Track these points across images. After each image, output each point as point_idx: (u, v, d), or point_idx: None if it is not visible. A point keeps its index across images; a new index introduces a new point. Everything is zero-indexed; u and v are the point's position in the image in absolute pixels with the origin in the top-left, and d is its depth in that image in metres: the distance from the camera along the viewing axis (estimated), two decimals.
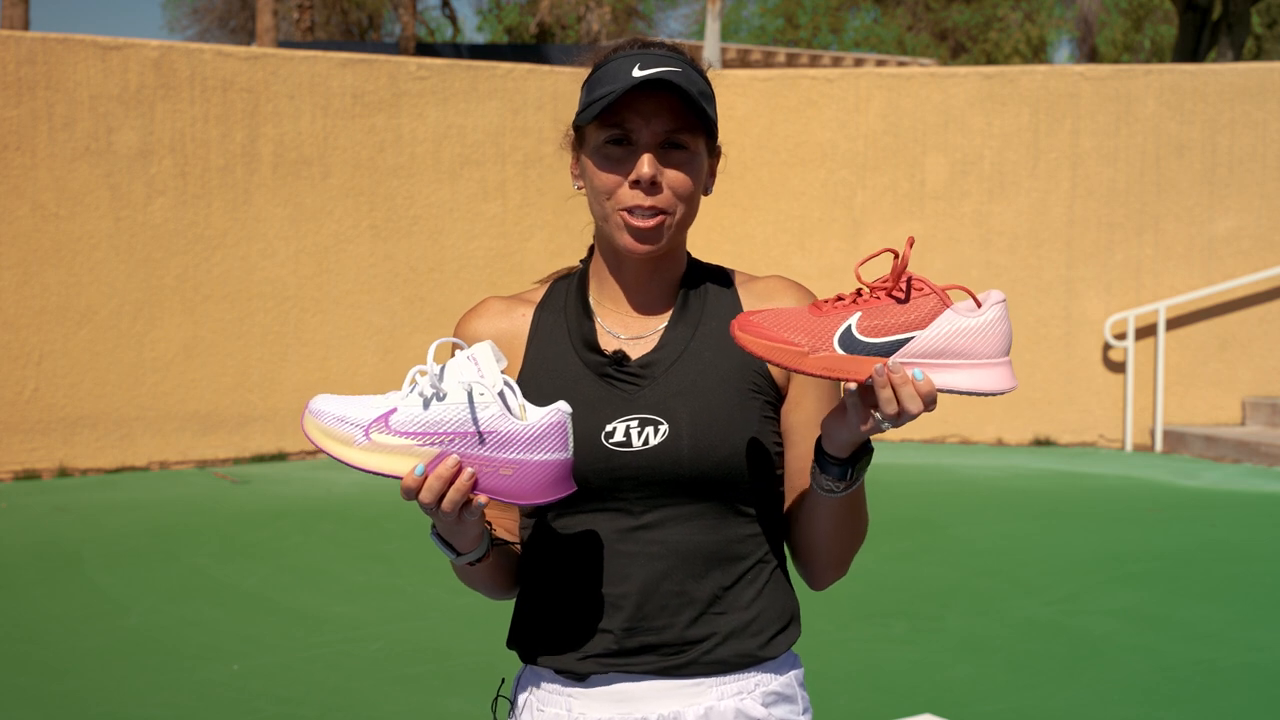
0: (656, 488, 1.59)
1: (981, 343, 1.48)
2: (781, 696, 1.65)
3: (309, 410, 1.50)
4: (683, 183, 1.60)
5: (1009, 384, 1.49)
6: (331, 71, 9.05)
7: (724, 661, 1.61)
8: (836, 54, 20.28)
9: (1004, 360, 1.50)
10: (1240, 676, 4.51)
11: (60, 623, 5.13)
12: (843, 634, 4.98)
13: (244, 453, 8.89)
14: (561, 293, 1.71)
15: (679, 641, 1.60)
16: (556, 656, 1.62)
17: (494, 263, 9.55)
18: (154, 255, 8.57)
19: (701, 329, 1.65)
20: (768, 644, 1.64)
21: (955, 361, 1.48)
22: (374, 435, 1.47)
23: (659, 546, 1.60)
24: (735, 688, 1.62)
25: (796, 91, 9.92)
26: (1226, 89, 9.57)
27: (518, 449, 1.47)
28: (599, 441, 1.59)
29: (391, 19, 29.57)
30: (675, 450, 1.58)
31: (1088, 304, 9.67)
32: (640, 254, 1.61)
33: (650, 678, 1.60)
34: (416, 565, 5.99)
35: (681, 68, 1.58)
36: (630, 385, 1.62)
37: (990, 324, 1.49)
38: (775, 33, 31.63)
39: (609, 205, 1.61)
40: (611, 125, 1.59)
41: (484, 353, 1.48)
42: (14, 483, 8.12)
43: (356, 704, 4.25)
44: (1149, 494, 7.88)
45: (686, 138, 1.59)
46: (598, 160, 1.61)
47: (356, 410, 1.48)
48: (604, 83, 1.59)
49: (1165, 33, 30.09)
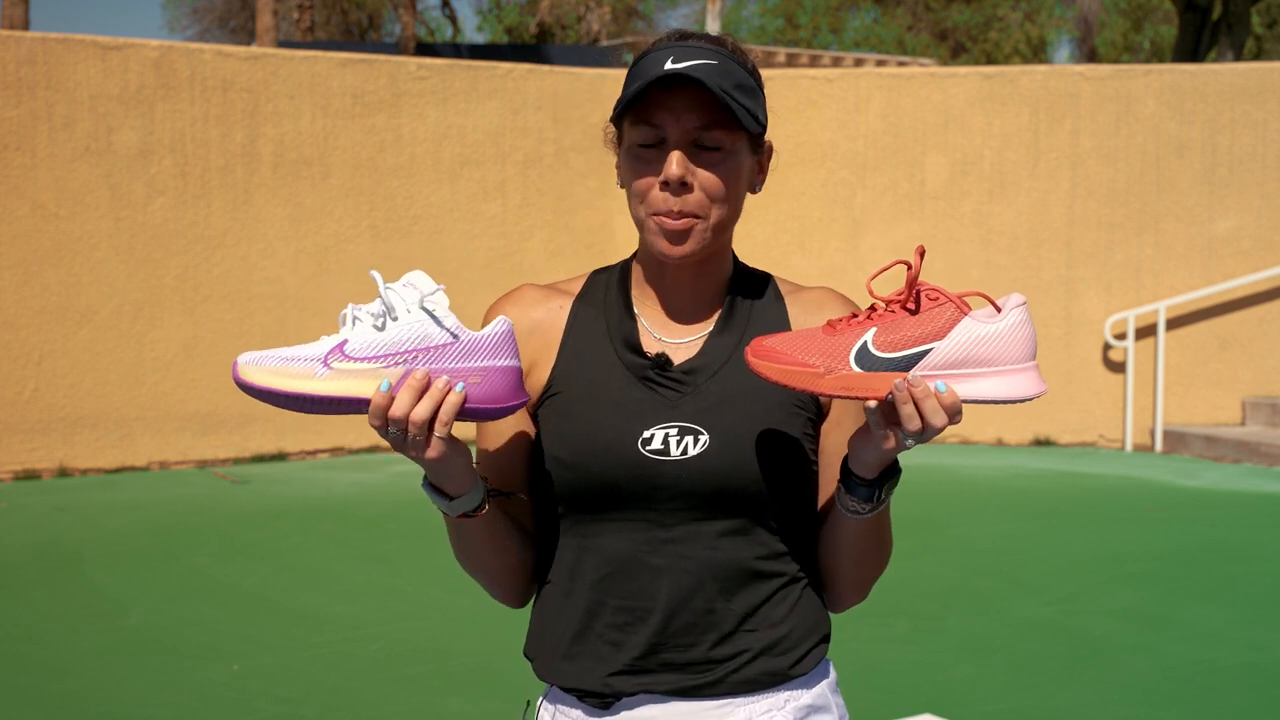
0: (692, 499, 1.53)
1: (1004, 349, 1.43)
2: (814, 708, 1.61)
3: (243, 361, 1.41)
4: (714, 184, 1.51)
5: (1037, 389, 1.44)
6: (331, 71, 9.05)
7: (752, 681, 1.55)
8: (836, 54, 20.28)
9: (1030, 365, 1.45)
10: (1240, 676, 4.51)
11: (60, 623, 5.13)
12: (843, 634, 4.97)
13: (244, 453, 8.89)
14: (601, 287, 1.64)
15: (705, 660, 1.54)
16: (579, 675, 1.56)
17: (494, 263, 9.55)
18: (154, 255, 8.57)
19: (746, 338, 1.57)
20: (798, 663, 1.58)
21: (978, 371, 1.43)
22: (334, 364, 1.40)
23: (690, 561, 1.53)
24: (764, 706, 1.56)
25: (796, 91, 9.92)
26: (1226, 89, 9.57)
27: (481, 357, 1.43)
28: (635, 448, 1.52)
29: (391, 19, 29.57)
30: (714, 463, 1.52)
31: (1088, 304, 9.67)
32: (673, 258, 1.53)
33: (675, 699, 1.54)
34: (416, 565, 5.99)
35: (718, 60, 1.50)
36: (672, 391, 1.55)
37: (1011, 328, 1.44)
38: (775, 33, 31.64)
39: (642, 209, 1.54)
40: (641, 121, 1.52)
41: (419, 277, 1.45)
42: (14, 483, 8.12)
43: (356, 704, 4.25)
44: (1149, 494, 7.88)
45: (720, 135, 1.51)
46: (629, 161, 1.54)
47: (303, 350, 1.41)
48: (638, 76, 1.51)
49: (1165, 33, 30.09)
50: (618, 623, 1.54)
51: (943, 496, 7.77)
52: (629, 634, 1.54)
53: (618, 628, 1.54)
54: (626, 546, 1.54)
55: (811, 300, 1.63)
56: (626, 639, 1.54)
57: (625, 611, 1.54)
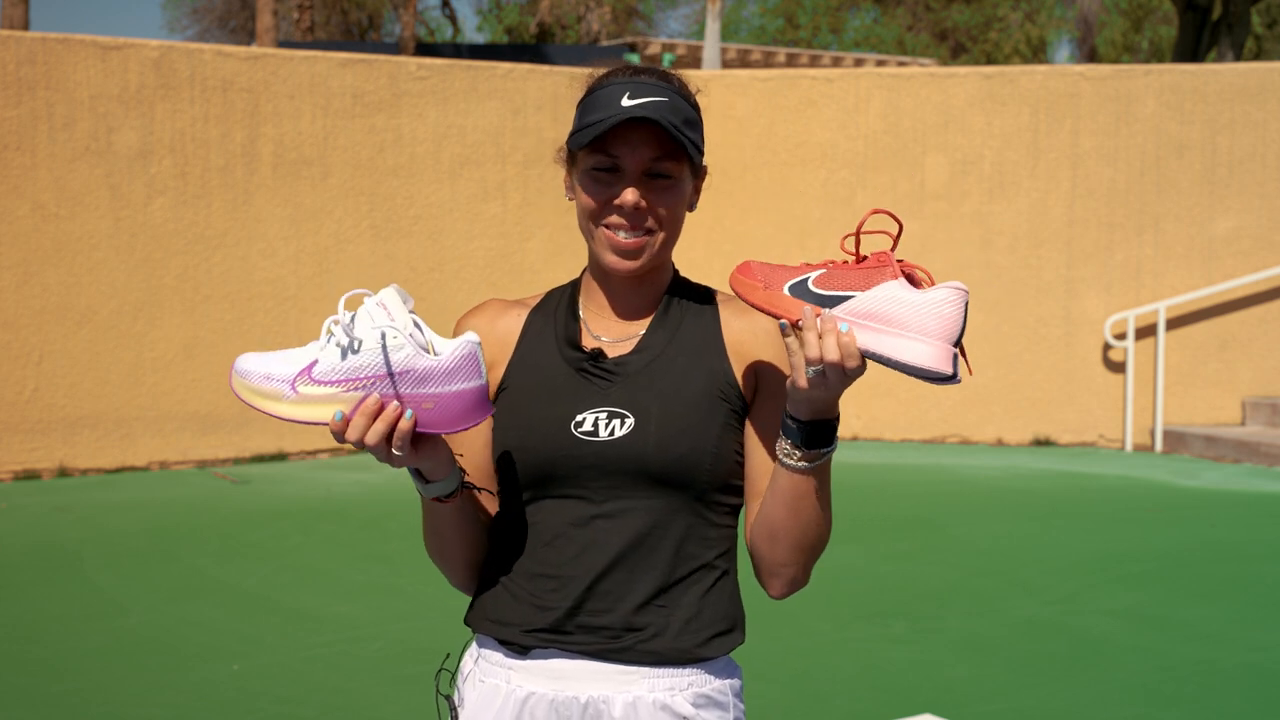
0: (618, 478, 1.67)
1: (919, 318, 1.50)
2: (712, 701, 1.69)
3: (235, 371, 1.58)
4: (667, 207, 1.69)
5: (940, 365, 1.50)
6: (331, 71, 9.05)
7: (658, 654, 1.66)
8: (836, 54, 20.28)
9: (941, 343, 1.50)
10: (1240, 676, 4.51)
11: (60, 623, 5.13)
12: (843, 634, 4.98)
13: (244, 453, 8.89)
14: (555, 299, 1.82)
15: (619, 627, 1.66)
16: (502, 627, 1.70)
17: (494, 263, 9.55)
18: (154, 255, 8.57)
19: (679, 336, 1.73)
20: (705, 644, 1.68)
21: (886, 329, 1.51)
22: (300, 388, 1.56)
23: (615, 536, 1.67)
24: (667, 683, 1.67)
25: (796, 91, 9.92)
26: (1226, 89, 9.57)
27: (434, 384, 1.56)
28: (568, 429, 1.68)
29: (391, 19, 29.57)
30: (639, 443, 1.66)
31: (1088, 304, 9.67)
32: (623, 271, 1.70)
33: (586, 658, 1.67)
34: (416, 565, 5.99)
35: (669, 97, 1.67)
36: (603, 380, 1.71)
37: (932, 302, 1.51)
38: (775, 33, 31.63)
39: (593, 225, 1.71)
40: (599, 152, 1.68)
41: (390, 296, 1.57)
42: (14, 483, 8.12)
43: (356, 704, 4.25)
44: (1149, 494, 7.88)
45: (670, 165, 1.68)
46: (585, 182, 1.70)
47: (280, 366, 1.57)
48: (595, 108, 1.69)
49: (1165, 33, 30.09)
50: (544, 589, 1.69)
51: (942, 496, 7.77)
52: (553, 598, 1.68)
53: (544, 593, 1.69)
54: (559, 521, 1.69)
55: (742, 305, 1.75)
56: (550, 603, 1.68)
57: (552, 579, 1.69)
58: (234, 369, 1.58)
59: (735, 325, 1.74)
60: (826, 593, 4.90)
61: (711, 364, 1.71)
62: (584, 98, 1.74)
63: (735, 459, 1.71)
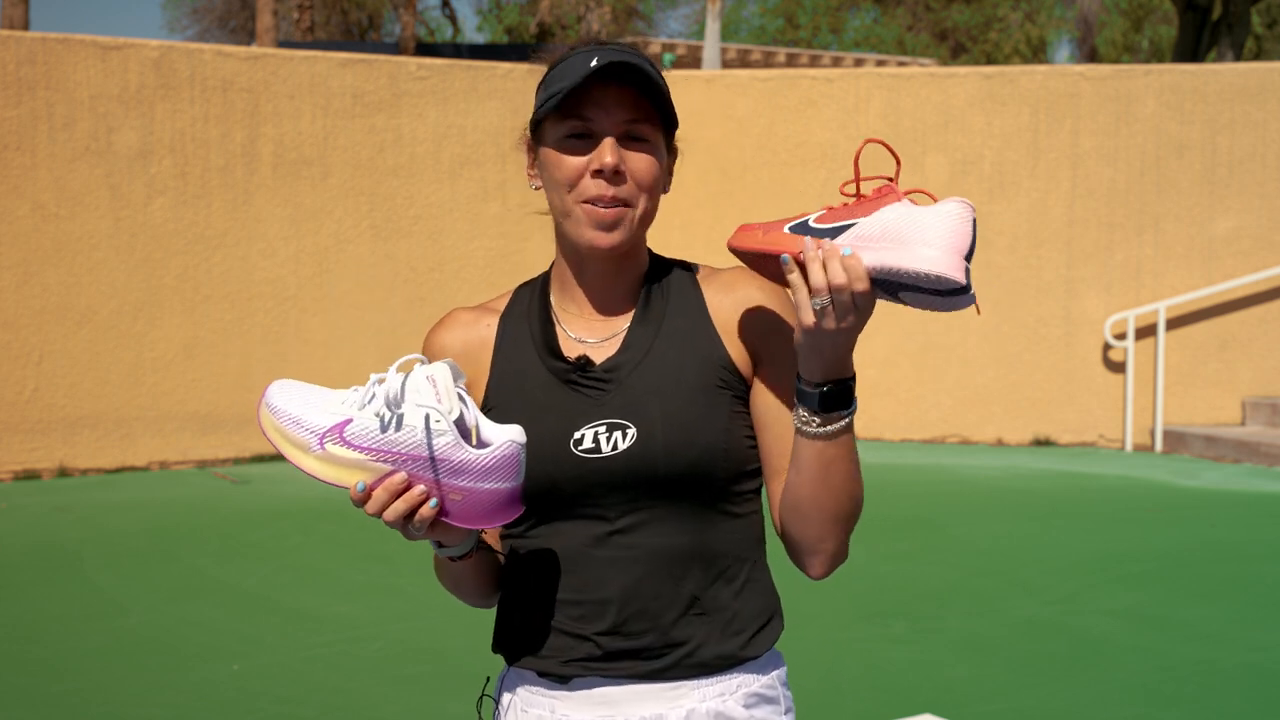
0: (629, 492, 1.58)
1: (925, 232, 1.41)
2: (763, 698, 1.64)
3: (266, 403, 1.50)
4: (645, 172, 1.57)
5: (953, 273, 1.40)
6: (331, 71, 9.05)
7: (705, 664, 1.60)
8: (836, 54, 20.29)
9: (951, 254, 1.41)
10: (1240, 676, 4.51)
11: (60, 623, 5.13)
12: (843, 634, 4.98)
13: (244, 453, 8.89)
14: (525, 299, 1.70)
15: (659, 645, 1.59)
16: (538, 659, 1.62)
17: (494, 263, 9.55)
18: (154, 255, 8.57)
19: (665, 327, 1.63)
20: (748, 643, 1.62)
21: (891, 245, 1.43)
22: (328, 445, 1.47)
23: (636, 551, 1.59)
24: (717, 689, 1.60)
25: (796, 91, 9.92)
26: (1226, 89, 9.57)
27: (469, 478, 1.47)
28: (569, 449, 1.58)
29: (391, 19, 29.58)
30: (646, 453, 1.57)
31: (1088, 304, 9.67)
32: (603, 247, 1.58)
33: (631, 682, 1.59)
34: (416, 565, 5.99)
35: (637, 61, 1.55)
36: (596, 390, 1.60)
37: (939, 214, 1.42)
38: (775, 33, 31.64)
39: (570, 198, 1.58)
40: (572, 117, 1.57)
41: (442, 373, 1.46)
42: (14, 483, 8.12)
43: (356, 704, 4.25)
44: (1149, 494, 7.88)
45: (647, 129, 1.57)
46: (557, 152, 1.59)
47: (313, 415, 1.48)
48: (561, 78, 1.56)
49: (1165, 33, 30.10)
50: (575, 616, 1.60)
51: (942, 496, 7.77)
52: (586, 626, 1.60)
53: (575, 620, 1.60)
54: (575, 543, 1.60)
55: (725, 281, 1.66)
56: (583, 630, 1.60)
57: (580, 605, 1.60)
58: (265, 400, 1.50)
59: (722, 303, 1.64)
60: (826, 593, 4.90)
61: (704, 350, 1.61)
62: (547, 74, 1.61)
63: (748, 444, 1.62)
